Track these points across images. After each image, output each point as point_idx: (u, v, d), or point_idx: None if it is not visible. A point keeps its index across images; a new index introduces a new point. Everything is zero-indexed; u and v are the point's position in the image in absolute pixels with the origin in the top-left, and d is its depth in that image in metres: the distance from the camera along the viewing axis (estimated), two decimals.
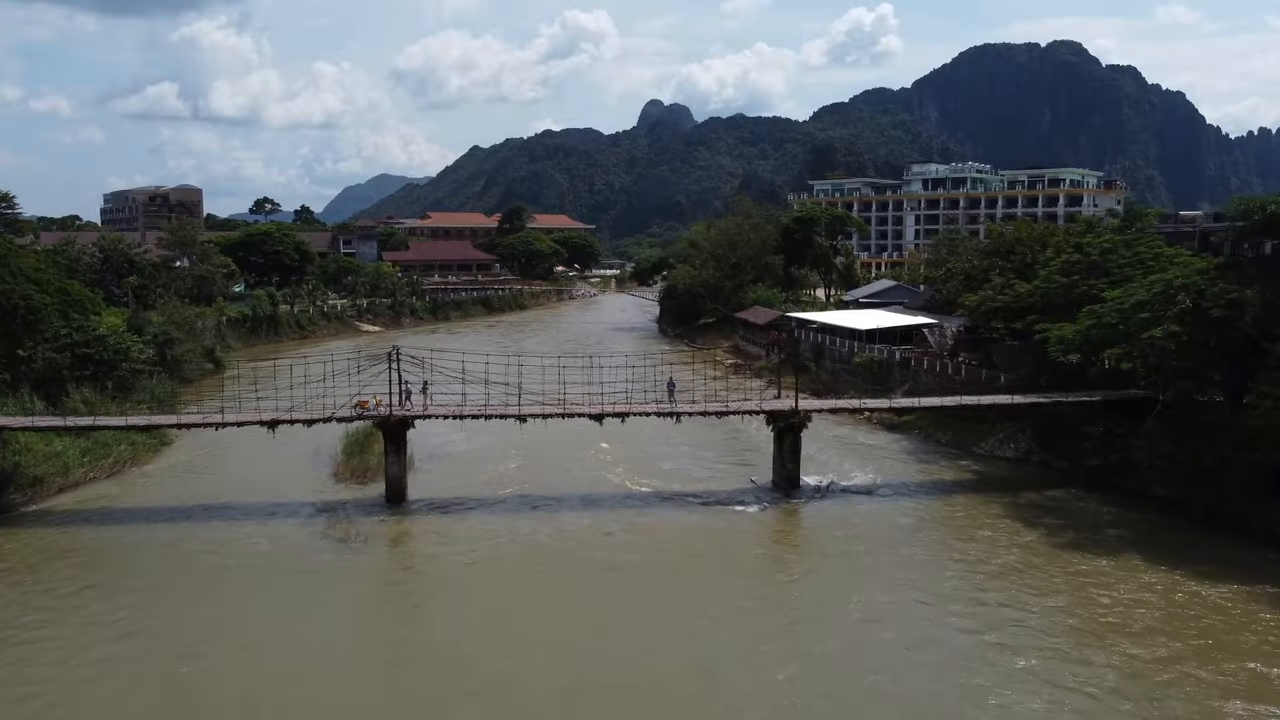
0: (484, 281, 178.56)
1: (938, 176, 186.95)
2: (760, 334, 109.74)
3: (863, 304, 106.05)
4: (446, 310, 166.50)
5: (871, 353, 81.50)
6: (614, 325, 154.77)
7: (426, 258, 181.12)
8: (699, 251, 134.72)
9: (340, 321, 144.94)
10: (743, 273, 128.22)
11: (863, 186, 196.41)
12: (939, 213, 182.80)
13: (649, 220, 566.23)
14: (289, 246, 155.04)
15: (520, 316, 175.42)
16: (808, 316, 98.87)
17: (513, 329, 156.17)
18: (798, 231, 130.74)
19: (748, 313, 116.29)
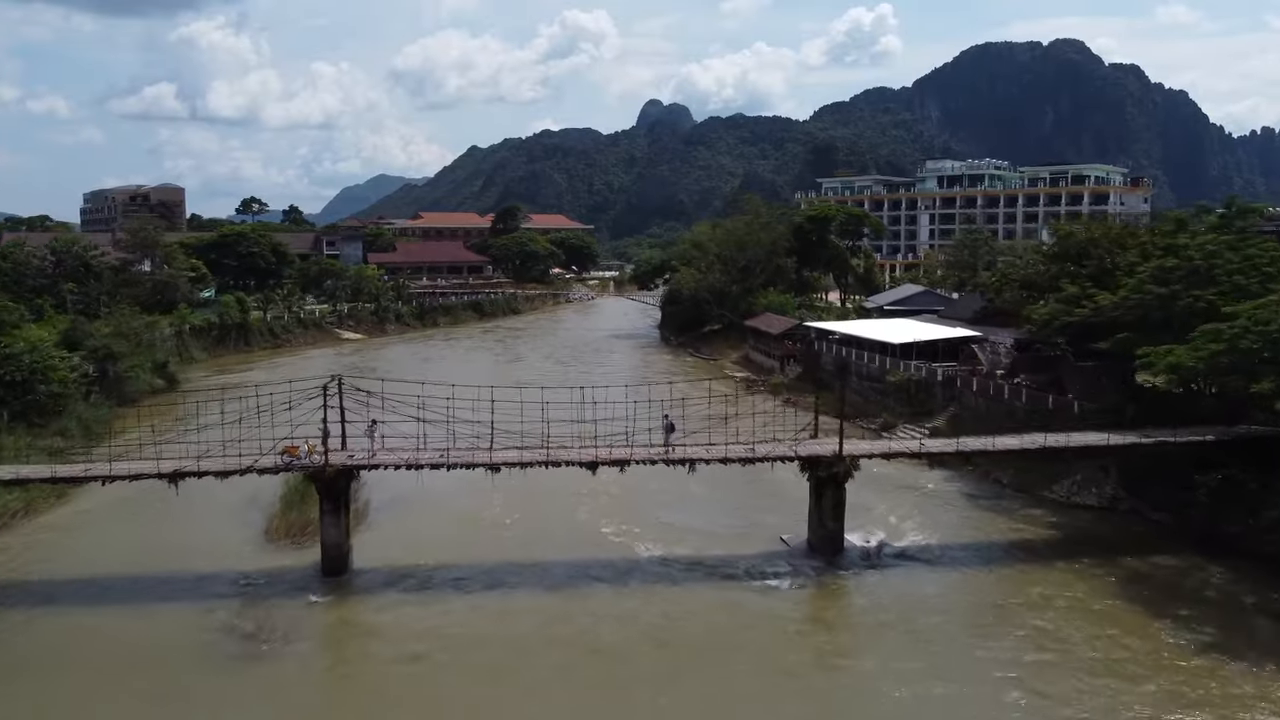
0: (475, 285, 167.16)
1: (953, 173, 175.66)
2: (773, 344, 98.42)
3: (887, 312, 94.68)
4: (435, 315, 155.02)
5: (908, 371, 70.14)
6: (613, 331, 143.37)
7: (415, 260, 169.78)
8: (704, 254, 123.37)
9: (318, 329, 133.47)
10: (752, 276, 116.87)
11: (874, 184, 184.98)
12: (955, 211, 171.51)
13: (648, 220, 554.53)
14: (265, 248, 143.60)
15: (514, 322, 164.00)
16: (828, 326, 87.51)
17: (505, 336, 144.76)
18: (811, 231, 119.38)
19: (758, 320, 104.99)
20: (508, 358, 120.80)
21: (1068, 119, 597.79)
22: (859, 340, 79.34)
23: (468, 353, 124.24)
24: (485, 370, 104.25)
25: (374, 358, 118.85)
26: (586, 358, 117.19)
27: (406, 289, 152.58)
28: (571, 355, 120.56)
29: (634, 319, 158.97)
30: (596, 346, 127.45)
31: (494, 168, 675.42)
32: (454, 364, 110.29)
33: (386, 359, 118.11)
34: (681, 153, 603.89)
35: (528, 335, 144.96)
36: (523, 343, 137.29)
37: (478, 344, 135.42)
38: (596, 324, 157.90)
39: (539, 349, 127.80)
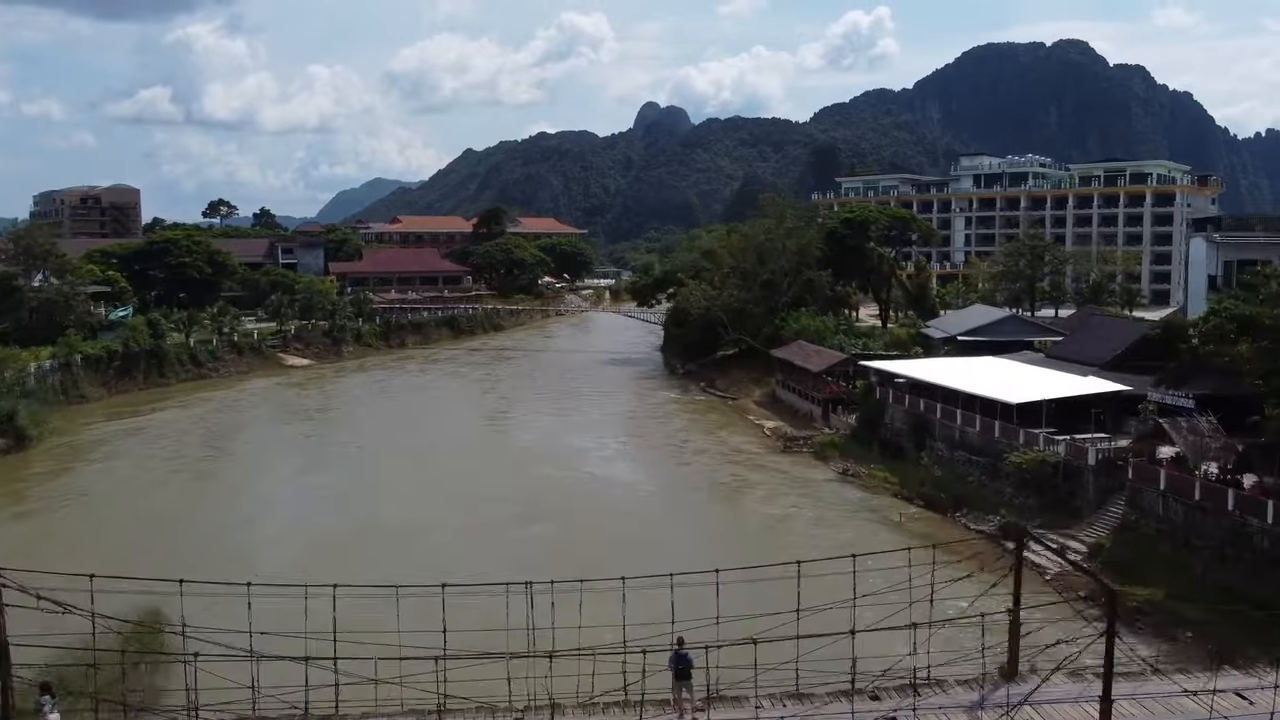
0: (451, 298, 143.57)
1: (992, 171, 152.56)
2: (812, 384, 74.99)
3: (964, 345, 71.17)
4: (403, 334, 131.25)
5: (1038, 447, 46.62)
6: (609, 355, 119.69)
7: (383, 269, 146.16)
8: (716, 265, 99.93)
9: (258, 354, 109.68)
10: (776, 293, 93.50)
11: (900, 184, 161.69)
12: (995, 214, 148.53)
13: (646, 224, 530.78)
14: (200, 257, 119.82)
15: (496, 340, 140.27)
16: (893, 368, 63.86)
17: (484, 360, 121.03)
18: (848, 238, 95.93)
19: (790, 351, 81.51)
20: (480, 393, 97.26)
21: (1072, 120, 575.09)
22: (943, 391, 55.85)
23: (426, 388, 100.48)
24: (445, 423, 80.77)
25: (306, 397, 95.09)
26: (577, 395, 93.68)
27: (369, 304, 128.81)
28: (559, 389, 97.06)
29: (633, 336, 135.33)
30: (590, 377, 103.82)
31: (489, 170, 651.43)
32: (401, 409, 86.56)
33: (322, 398, 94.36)
34: (679, 155, 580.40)
35: (509, 360, 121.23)
36: (503, 370, 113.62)
37: (446, 372, 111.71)
38: (590, 343, 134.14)
39: (520, 382, 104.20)
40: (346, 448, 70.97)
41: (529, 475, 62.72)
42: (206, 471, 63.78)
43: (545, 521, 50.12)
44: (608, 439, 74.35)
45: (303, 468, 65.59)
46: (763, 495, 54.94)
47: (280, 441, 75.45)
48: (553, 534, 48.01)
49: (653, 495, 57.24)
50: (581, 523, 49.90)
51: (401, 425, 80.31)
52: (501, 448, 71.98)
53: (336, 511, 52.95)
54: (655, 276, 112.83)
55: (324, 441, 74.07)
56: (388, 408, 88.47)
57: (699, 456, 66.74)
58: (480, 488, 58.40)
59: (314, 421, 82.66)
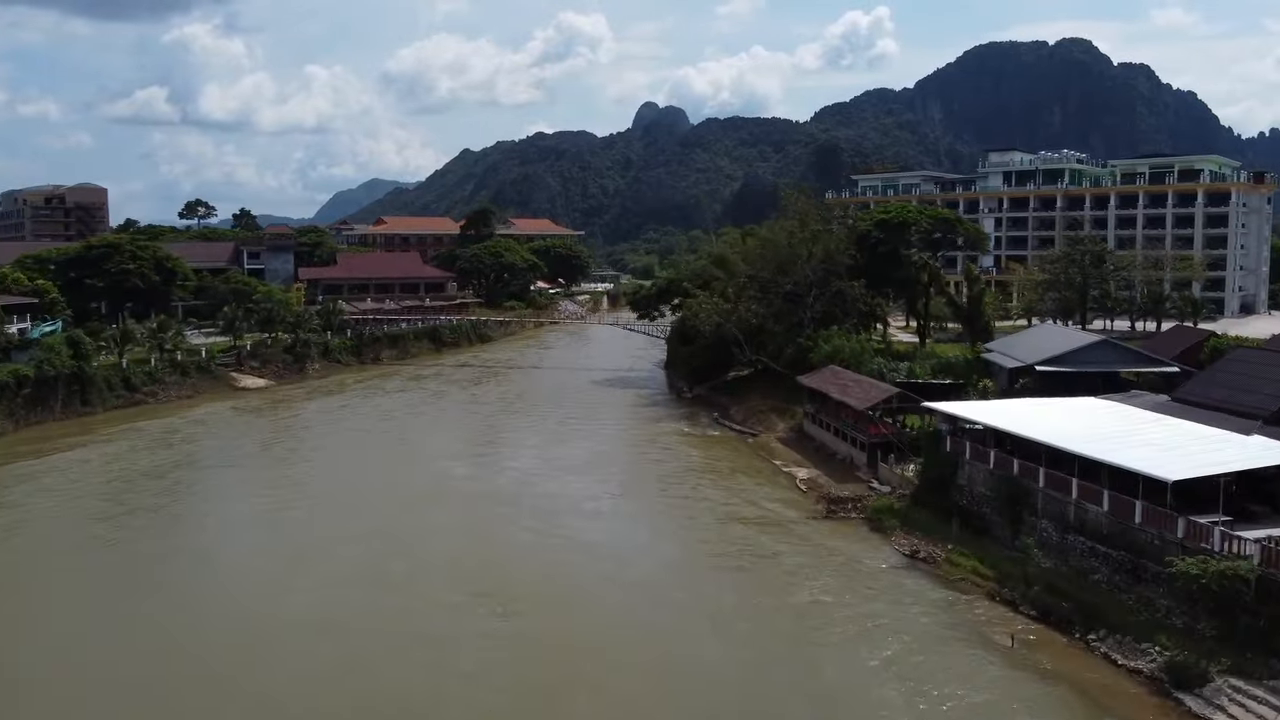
0: (432, 307, 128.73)
1: (1024, 168, 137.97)
2: (850, 419, 60.69)
3: (1047, 380, 56.67)
4: (377, 349, 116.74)
5: (1219, 557, 32.12)
6: (607, 374, 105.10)
7: (358, 275, 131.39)
8: (729, 274, 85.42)
9: (207, 375, 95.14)
10: (800, 307, 79.09)
11: (921, 182, 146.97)
12: (1028, 215, 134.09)
13: (644, 225, 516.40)
14: (146, 264, 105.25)
15: (482, 355, 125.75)
16: (968, 411, 49.18)
17: (466, 381, 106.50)
18: (883, 242, 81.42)
19: (821, 377, 67.20)
20: (457, 421, 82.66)
21: (1076, 120, 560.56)
22: (1047, 450, 41.31)
23: (395, 414, 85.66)
24: (408, 462, 65.99)
25: (253, 427, 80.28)
26: (567, 423, 79.25)
27: (340, 315, 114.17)
28: (548, 415, 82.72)
29: (634, 349, 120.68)
30: (584, 401, 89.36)
31: (485, 171, 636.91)
32: (359, 443, 71.38)
33: (272, 430, 79.49)
34: (678, 155, 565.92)
35: (495, 379, 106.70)
36: (487, 390, 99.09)
37: (423, 394, 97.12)
38: (586, 359, 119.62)
39: (504, 405, 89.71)
40: (277, 496, 56.64)
41: (494, 540, 48.86)
42: (78, 542, 49.13)
43: (494, 624, 36.45)
44: (599, 485, 60.27)
45: (208, 534, 51.14)
46: (807, 594, 40.40)
47: (198, 493, 60.97)
48: (499, 646, 34.35)
49: (648, 581, 42.91)
50: (546, 631, 36.15)
51: (353, 466, 65.91)
52: (470, 497, 57.67)
53: (217, 612, 38.81)
54: (658, 285, 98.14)
55: (251, 490, 59.62)
56: (343, 442, 73.97)
57: (712, 516, 52.26)
58: (426, 561, 44.66)
59: (248, 465, 68.01)
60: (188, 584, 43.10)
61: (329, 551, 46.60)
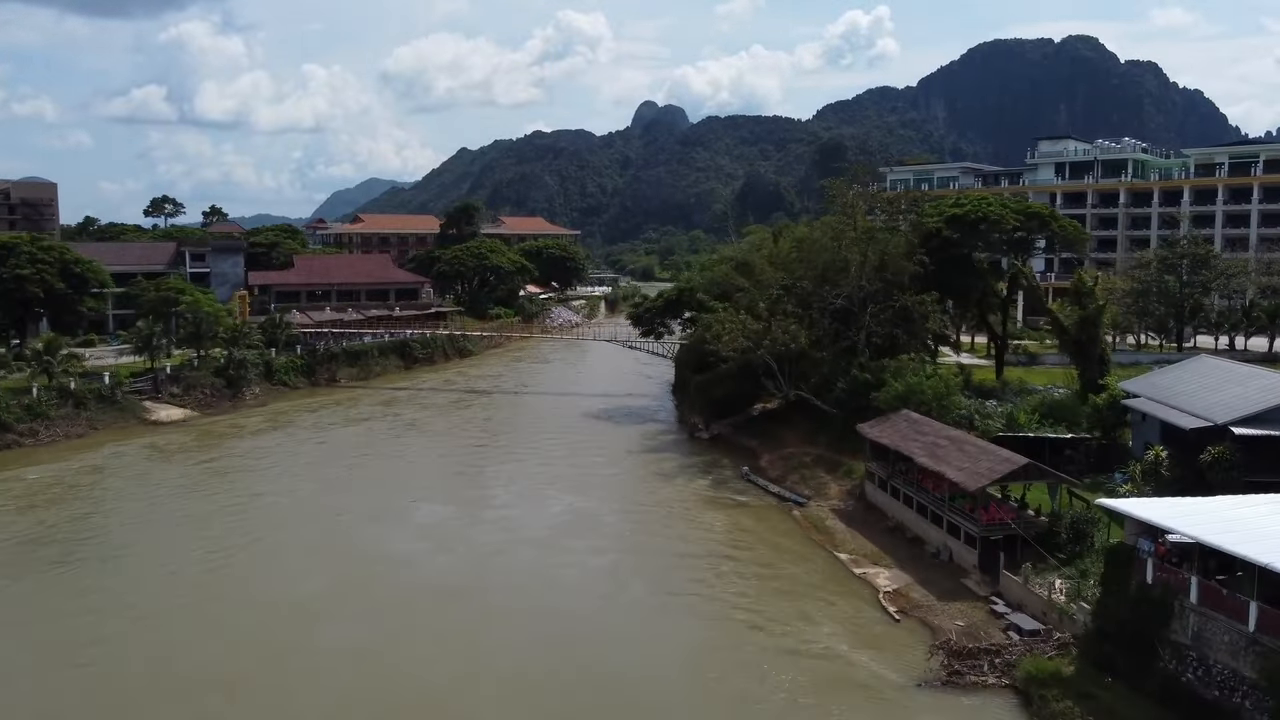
0: (402, 318, 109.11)
1: (1080, 159, 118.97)
2: (945, 493, 41.66)
3: (1241, 439, 37.55)
4: (332, 368, 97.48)
5: None
6: (603, 398, 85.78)
7: (318, 280, 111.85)
8: (758, 282, 66.22)
9: (110, 405, 75.84)
10: (852, 327, 59.99)
11: (960, 174, 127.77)
12: (1086, 211, 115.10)
13: (644, 225, 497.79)
14: (48, 269, 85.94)
15: (460, 372, 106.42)
16: (1182, 523, 29.74)
17: (436, 407, 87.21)
18: (955, 244, 62.14)
19: (892, 428, 48.28)
20: (408, 473, 63.08)
21: (1083, 118, 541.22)
22: None
23: (338, 458, 65.88)
24: (339, 539, 45.61)
25: (154, 481, 59.68)
26: (551, 474, 60.07)
27: (287, 329, 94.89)
28: (528, 461, 63.56)
29: (636, 365, 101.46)
30: (575, 439, 70.17)
31: (482, 170, 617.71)
32: (278, 507, 51.07)
33: (177, 483, 59.04)
34: (678, 154, 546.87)
35: (469, 409, 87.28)
36: (457, 423, 79.77)
37: (378, 430, 77.67)
38: (580, 379, 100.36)
39: (472, 447, 70.34)
40: (144, 597, 37.45)
41: (401, 685, 29.78)
42: None
43: None
44: (579, 578, 41.57)
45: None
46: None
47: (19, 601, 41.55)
48: None
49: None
50: None
51: (249, 547, 46.72)
52: (398, 597, 38.85)
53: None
54: (666, 297, 78.71)
55: (64, 598, 40.22)
56: (248, 504, 54.70)
57: (752, 670, 32.97)
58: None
59: (115, 551, 48.54)
60: None
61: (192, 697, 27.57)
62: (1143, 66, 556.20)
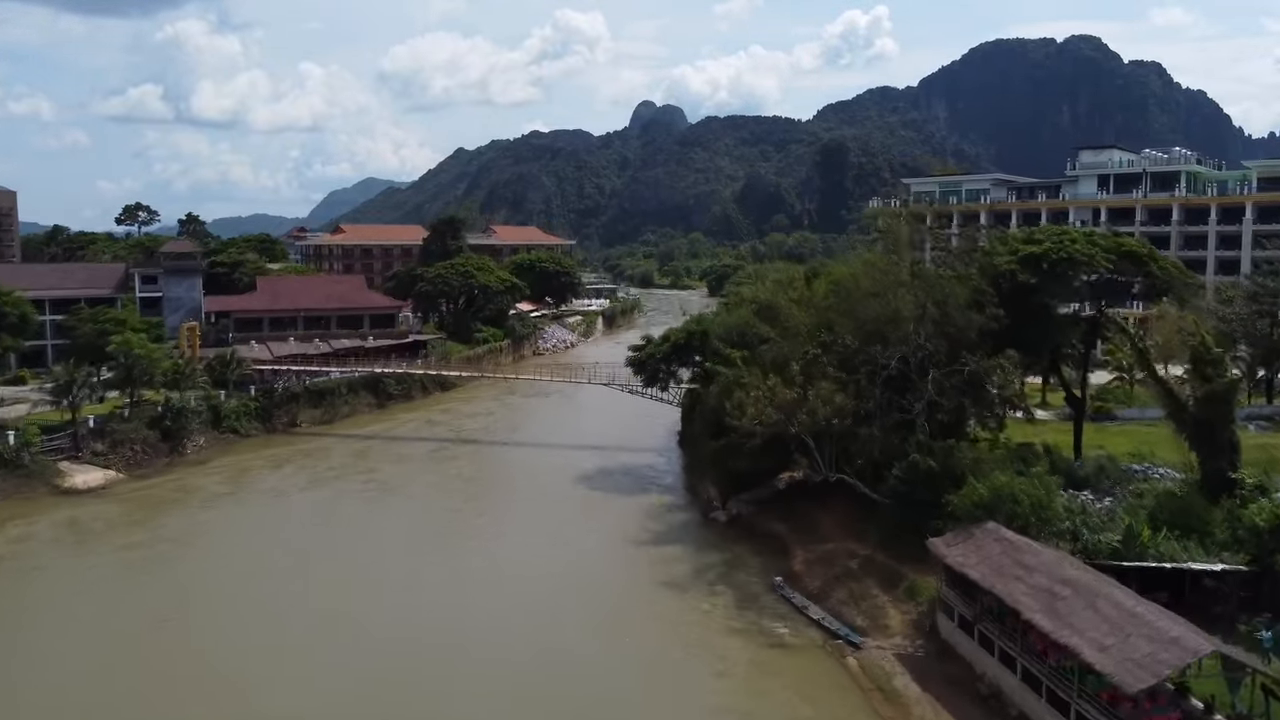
0: (377, 349, 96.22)
1: (1126, 171, 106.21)
2: (1074, 674, 29.03)
3: None
4: (293, 410, 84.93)
5: None
6: (598, 453, 73.06)
7: (283, 306, 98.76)
8: (786, 330, 53.72)
9: (14, 470, 63.21)
10: (910, 392, 47.42)
11: (991, 186, 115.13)
12: (1134, 229, 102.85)
13: (642, 226, 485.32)
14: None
15: (435, 414, 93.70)
16: None
17: (407, 461, 74.55)
18: (1036, 290, 49.57)
19: (983, 559, 35.65)
20: (352, 564, 50.33)
21: (1086, 119, 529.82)
22: None
23: (254, 551, 53.20)
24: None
25: (31, 584, 47.88)
26: (527, 563, 47.48)
27: (240, 367, 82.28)
28: (504, 551, 50.94)
29: (635, 404, 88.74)
30: (560, 514, 57.77)
31: (479, 170, 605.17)
32: (161, 634, 38.44)
33: (63, 586, 46.38)
34: (677, 154, 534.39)
35: (441, 462, 74.65)
36: (419, 485, 67.18)
37: (331, 493, 65.04)
38: (572, 424, 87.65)
39: (431, 523, 57.61)
40: None
41: None
42: None
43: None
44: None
45: None
46: None
47: None
48: None
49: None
50: None
51: None
52: None
53: None
54: (673, 341, 65.85)
55: None
56: (168, 640, 42.12)
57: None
58: None
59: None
60: None
61: None
62: (1147, 67, 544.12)
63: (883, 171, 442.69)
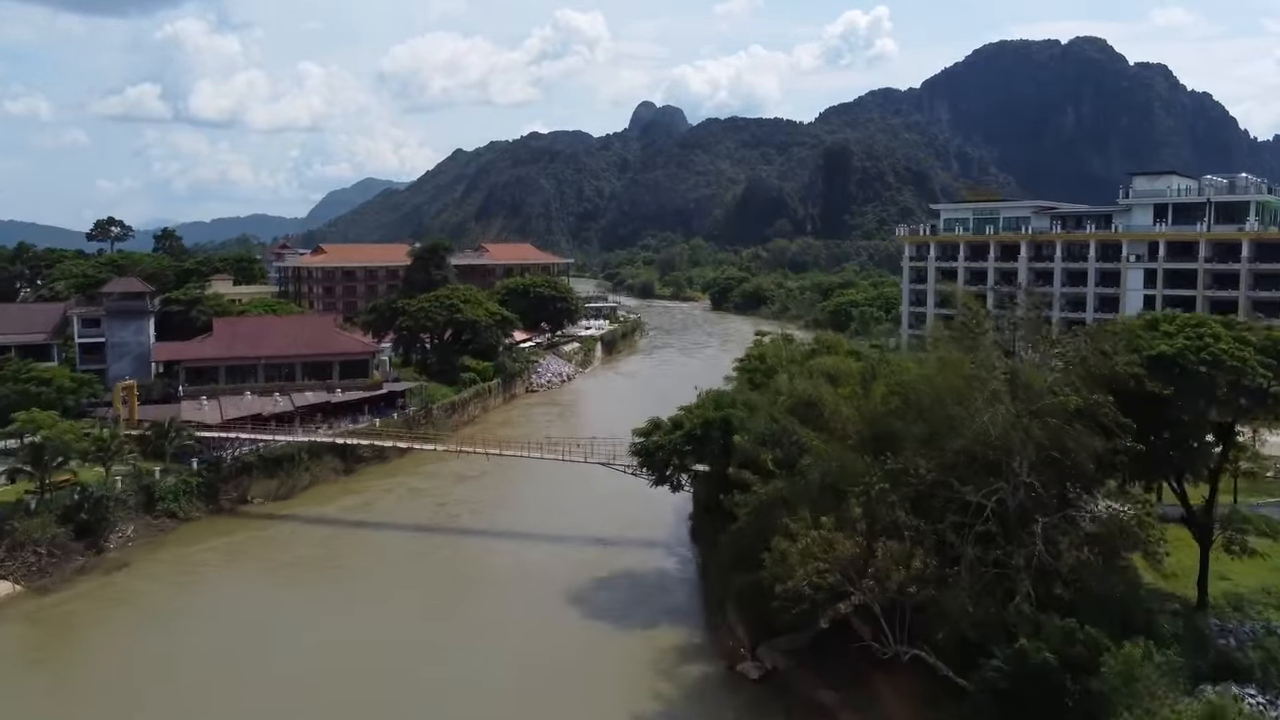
0: (346, 403, 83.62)
1: (1188, 199, 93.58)
2: None
3: None
4: (243, 483, 72.52)
5: None
6: (594, 560, 60.59)
7: (240, 353, 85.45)
8: (833, 434, 41.38)
9: None
10: (1010, 548, 35.02)
11: (1032, 215, 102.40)
12: (1197, 267, 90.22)
13: (642, 230, 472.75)
14: None
15: (421, 480, 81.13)
16: None
17: (387, 564, 62.13)
18: (1167, 402, 37.25)
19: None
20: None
21: (1091, 121, 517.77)
22: None
23: None
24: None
25: None
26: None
27: (180, 437, 69.85)
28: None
29: (637, 490, 76.20)
30: (542, 664, 45.35)
31: (477, 172, 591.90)
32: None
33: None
34: (677, 157, 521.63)
35: (422, 567, 62.21)
36: (382, 594, 54.74)
37: (264, 603, 52.59)
38: (566, 507, 74.75)
39: (376, 674, 45.20)
40: None
41: None
42: None
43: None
44: None
45: None
46: None
47: None
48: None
49: None
50: None
51: None
52: None
53: None
54: (687, 430, 53.24)
55: None
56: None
57: None
58: None
59: None
60: None
61: None
62: (1152, 69, 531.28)
63: (886, 176, 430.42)
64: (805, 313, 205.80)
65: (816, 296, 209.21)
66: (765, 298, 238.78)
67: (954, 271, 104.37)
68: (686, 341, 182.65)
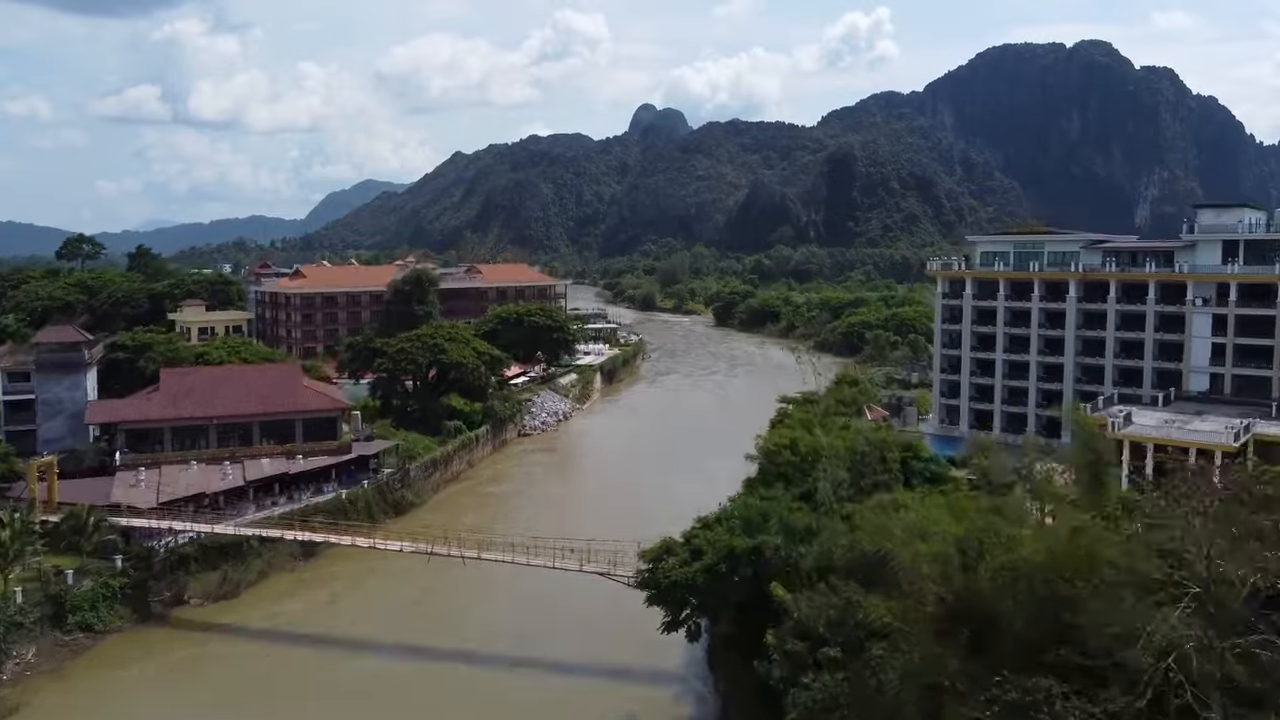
0: (307, 472, 71.97)
1: (1263, 236, 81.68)
2: None
3: None
4: (179, 581, 60.80)
5: None
6: (592, 697, 49.07)
7: (190, 414, 73.39)
8: (920, 611, 29.70)
9: None
10: None
11: (1082, 251, 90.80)
12: (1277, 314, 78.60)
13: (642, 236, 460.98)
14: None
15: (394, 570, 69.35)
16: None
17: (352, 699, 50.35)
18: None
19: None
20: None
21: (1096, 126, 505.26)
22: None
23: None
24: None
25: None
26: None
27: (100, 531, 58.09)
28: None
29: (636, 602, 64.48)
30: None
31: (476, 175, 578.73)
32: None
33: None
34: (678, 161, 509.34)
35: (356, 700, 50.41)
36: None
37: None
38: (558, 622, 62.63)
39: None
40: None
41: None
42: None
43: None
44: None
45: None
46: None
47: None
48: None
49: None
50: None
51: None
52: None
53: None
54: (707, 564, 41.04)
55: None
56: None
57: None
58: None
59: None
60: None
61: None
62: (1158, 73, 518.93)
63: (890, 181, 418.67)
64: (814, 332, 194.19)
65: (826, 315, 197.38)
66: (771, 314, 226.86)
67: (992, 312, 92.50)
68: (691, 365, 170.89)
